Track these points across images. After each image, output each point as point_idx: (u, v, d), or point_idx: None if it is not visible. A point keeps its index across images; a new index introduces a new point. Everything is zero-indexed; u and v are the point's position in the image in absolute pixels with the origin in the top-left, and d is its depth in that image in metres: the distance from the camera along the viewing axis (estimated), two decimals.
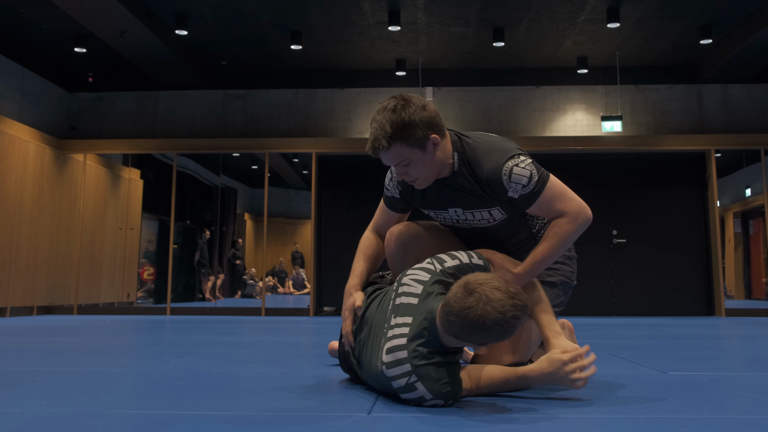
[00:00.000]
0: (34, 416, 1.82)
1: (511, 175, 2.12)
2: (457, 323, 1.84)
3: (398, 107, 2.08)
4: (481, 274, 1.93)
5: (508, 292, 1.85)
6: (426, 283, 2.07)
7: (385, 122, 2.07)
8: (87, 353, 3.60)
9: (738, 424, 1.71)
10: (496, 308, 1.81)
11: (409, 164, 2.12)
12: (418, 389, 1.89)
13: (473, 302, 1.82)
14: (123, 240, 10.24)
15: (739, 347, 4.15)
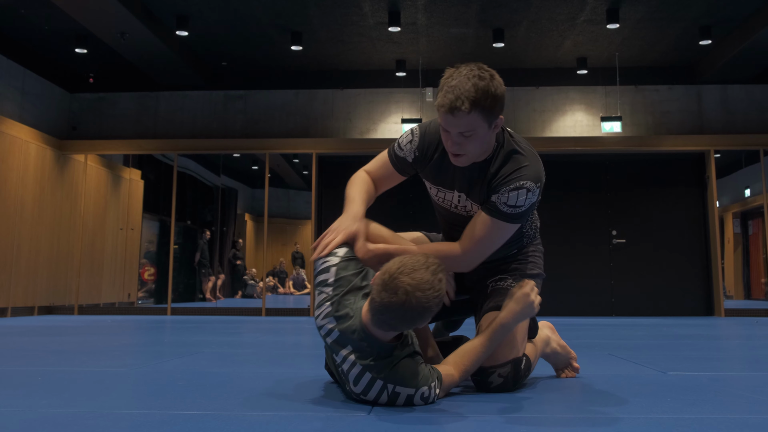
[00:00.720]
0: (34, 416, 1.82)
1: (518, 191, 2.09)
2: (397, 319, 1.83)
3: (486, 76, 2.00)
4: (392, 263, 1.87)
5: (425, 267, 1.84)
6: (331, 310, 2.02)
7: (472, 86, 1.97)
8: (88, 353, 3.60)
9: (737, 424, 1.71)
10: (426, 290, 1.81)
11: (471, 136, 2.04)
12: (401, 393, 1.92)
13: (403, 296, 1.79)
14: (124, 240, 10.26)
15: (739, 347, 4.15)
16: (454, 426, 1.69)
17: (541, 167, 2.16)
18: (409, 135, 2.30)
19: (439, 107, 2.03)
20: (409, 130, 2.32)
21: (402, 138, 2.32)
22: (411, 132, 2.30)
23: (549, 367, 2.89)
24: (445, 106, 2.00)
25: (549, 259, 9.26)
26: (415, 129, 2.31)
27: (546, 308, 9.28)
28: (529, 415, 1.85)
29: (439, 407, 1.95)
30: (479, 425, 1.70)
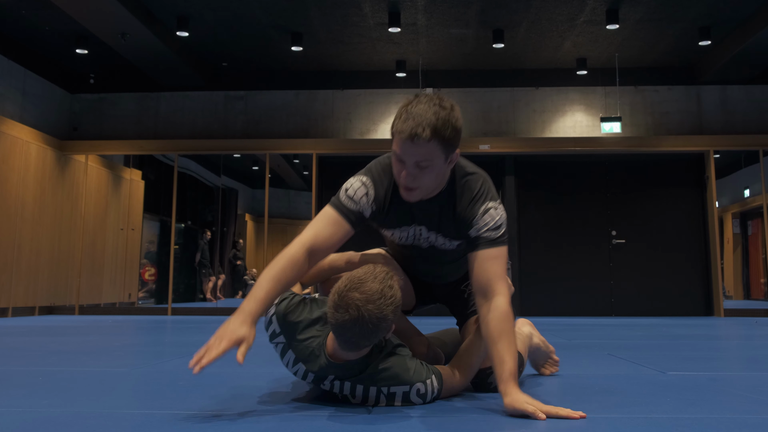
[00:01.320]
0: (35, 416, 1.82)
1: (485, 214, 2.02)
2: (357, 336, 1.80)
3: (447, 106, 1.93)
4: (341, 281, 1.83)
5: (374, 277, 1.81)
6: (295, 357, 2.00)
7: (433, 114, 1.89)
8: (88, 353, 3.60)
9: (736, 424, 1.72)
10: (376, 300, 1.78)
11: (427, 167, 1.94)
12: (397, 392, 1.93)
13: (355, 312, 1.76)
14: (124, 240, 10.27)
15: (738, 347, 4.15)
16: (454, 426, 1.70)
17: (492, 186, 2.11)
18: (362, 187, 2.07)
19: (397, 133, 1.92)
20: (357, 181, 2.09)
21: (352, 191, 2.07)
22: (362, 184, 2.08)
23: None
24: (404, 132, 1.89)
25: (549, 259, 9.30)
26: (366, 180, 2.09)
27: (546, 308, 9.33)
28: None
29: (439, 407, 1.95)
30: (479, 425, 1.71)
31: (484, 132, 9.40)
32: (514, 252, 9.28)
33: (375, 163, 2.14)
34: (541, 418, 1.73)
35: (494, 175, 9.58)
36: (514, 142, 9.24)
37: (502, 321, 1.92)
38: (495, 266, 2.00)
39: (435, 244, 2.18)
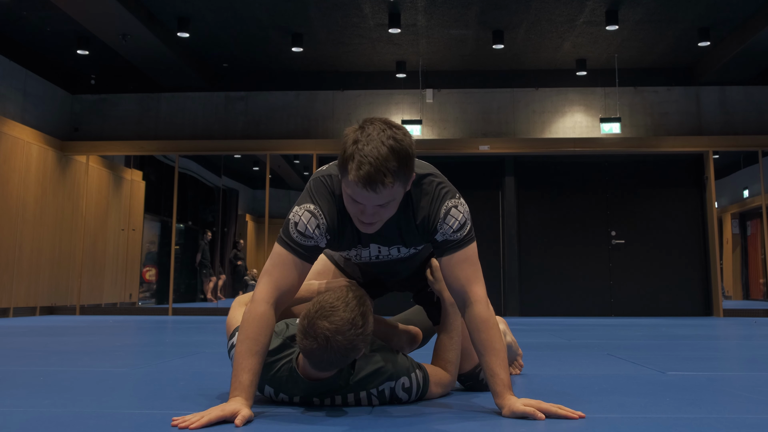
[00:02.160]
0: (37, 416, 1.82)
1: (447, 215, 1.89)
2: (326, 362, 1.77)
3: (399, 134, 1.74)
4: (312, 305, 1.78)
5: (345, 305, 1.75)
6: (275, 389, 1.97)
7: (389, 152, 1.69)
8: (89, 353, 3.60)
9: (736, 424, 1.72)
10: (345, 331, 1.72)
11: (389, 204, 1.77)
12: (384, 389, 1.93)
13: (323, 341, 1.71)
14: (125, 241, 10.28)
15: (737, 347, 4.15)
16: (454, 425, 1.70)
17: (448, 182, 1.98)
18: (312, 219, 1.86)
19: (354, 182, 1.69)
20: (305, 212, 1.87)
21: (303, 225, 1.86)
22: (311, 215, 1.86)
23: (544, 371, 2.90)
24: (362, 181, 1.67)
25: (548, 259, 9.31)
26: (314, 209, 1.87)
27: (545, 308, 9.35)
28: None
29: (439, 407, 1.96)
30: (479, 425, 1.71)
31: (484, 133, 9.41)
32: (514, 252, 9.30)
33: (315, 186, 1.92)
34: (540, 418, 1.73)
35: (494, 176, 9.60)
36: (513, 142, 9.26)
37: (485, 330, 1.85)
38: (465, 270, 1.90)
39: (398, 256, 2.07)
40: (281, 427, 1.68)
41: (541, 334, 5.40)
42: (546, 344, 4.30)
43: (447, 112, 9.46)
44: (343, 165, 1.73)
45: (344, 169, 1.73)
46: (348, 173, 1.70)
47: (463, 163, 9.66)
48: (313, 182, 1.93)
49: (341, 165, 1.74)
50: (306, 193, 1.92)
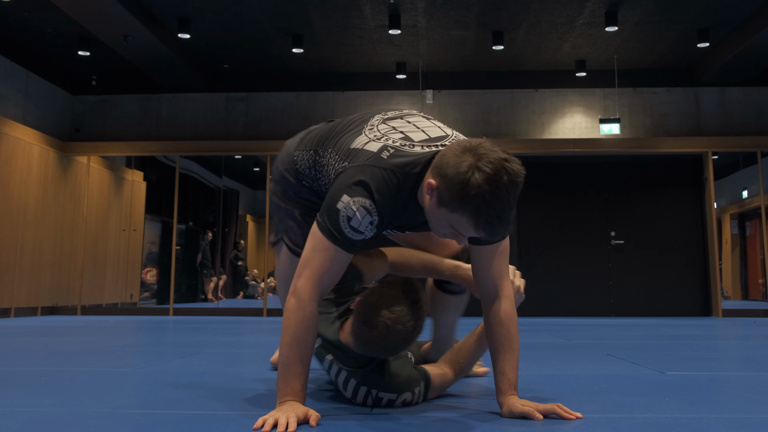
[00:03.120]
0: (38, 415, 1.83)
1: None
2: (377, 351, 1.84)
3: (521, 179, 1.62)
4: (372, 294, 1.83)
5: (405, 297, 1.80)
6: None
7: (513, 205, 1.62)
8: (90, 353, 3.61)
9: (735, 424, 1.73)
10: (405, 322, 1.77)
11: None
12: (383, 398, 1.93)
13: (383, 330, 1.77)
14: (126, 241, 10.29)
15: (736, 347, 4.16)
16: (453, 425, 1.71)
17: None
18: (367, 215, 1.72)
19: (473, 228, 1.61)
20: (360, 207, 1.71)
21: (357, 221, 1.72)
22: (366, 210, 1.72)
23: (544, 371, 2.90)
24: (482, 232, 1.61)
25: (548, 259, 9.32)
26: (370, 205, 1.72)
27: (545, 309, 9.36)
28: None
29: (439, 407, 1.96)
30: (478, 425, 1.72)
31: (484, 133, 9.43)
32: (513, 252, 9.32)
33: (375, 179, 1.75)
34: (538, 419, 1.74)
35: None
36: (513, 143, 9.27)
37: (508, 328, 1.84)
38: (500, 263, 1.87)
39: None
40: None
41: (540, 334, 5.41)
42: (545, 344, 4.31)
43: (447, 113, 9.48)
44: (460, 204, 1.59)
45: (462, 209, 1.60)
46: (476, 219, 1.59)
47: None
48: (370, 173, 1.75)
49: (457, 202, 1.59)
50: (359, 185, 1.73)
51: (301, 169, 2.14)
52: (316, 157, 2.07)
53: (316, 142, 2.10)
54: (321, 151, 2.05)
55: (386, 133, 1.90)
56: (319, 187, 2.10)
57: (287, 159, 2.22)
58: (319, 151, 2.06)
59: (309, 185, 2.15)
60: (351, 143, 1.90)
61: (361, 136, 1.92)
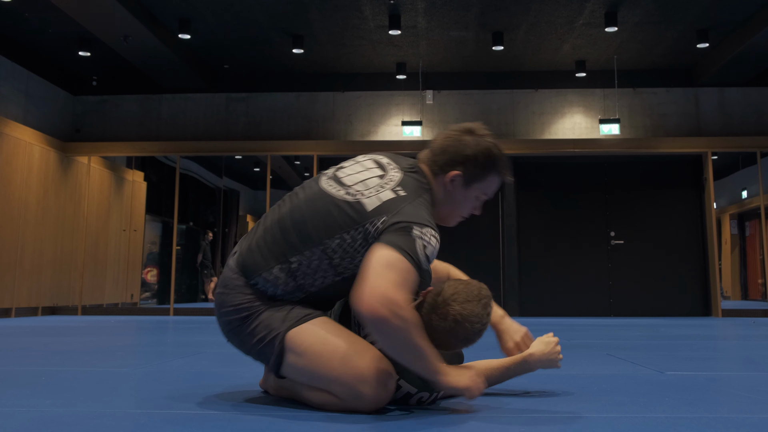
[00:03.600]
0: (38, 415, 1.82)
1: None
2: (437, 341, 1.86)
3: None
4: (447, 288, 1.88)
5: (478, 299, 1.87)
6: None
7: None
8: (91, 353, 3.61)
9: (735, 424, 1.72)
10: (474, 322, 1.85)
11: None
12: (402, 387, 1.90)
13: (452, 323, 1.84)
14: (127, 241, 10.31)
15: (736, 347, 4.16)
16: (453, 426, 1.71)
17: None
18: (434, 237, 1.82)
19: (504, 177, 2.07)
20: (432, 237, 1.80)
21: (431, 249, 1.80)
22: (437, 240, 1.82)
23: (543, 371, 2.90)
24: (509, 178, 2.09)
25: (548, 259, 9.33)
26: (436, 233, 1.83)
27: (545, 308, 9.38)
28: (527, 414, 1.86)
29: (438, 407, 1.96)
30: (478, 425, 1.71)
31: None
32: (513, 252, 9.33)
33: (427, 207, 1.91)
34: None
35: None
36: (513, 143, 9.29)
37: None
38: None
39: None
40: (283, 425, 1.69)
41: (540, 334, 5.40)
42: None
43: (447, 114, 9.49)
44: (491, 167, 2.01)
45: (493, 170, 2.02)
46: (502, 172, 2.04)
47: None
48: (423, 202, 1.90)
49: (488, 167, 2.01)
50: (425, 213, 1.86)
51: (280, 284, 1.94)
52: (289, 266, 1.90)
53: (275, 257, 1.92)
54: (296, 256, 1.90)
55: (365, 182, 1.93)
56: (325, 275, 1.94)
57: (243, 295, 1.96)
58: (290, 259, 1.90)
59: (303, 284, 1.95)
60: (359, 209, 1.86)
61: (362, 196, 1.89)
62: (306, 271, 1.88)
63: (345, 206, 1.87)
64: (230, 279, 1.95)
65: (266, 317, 1.88)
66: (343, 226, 1.85)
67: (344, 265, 1.88)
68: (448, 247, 9.38)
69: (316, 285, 1.91)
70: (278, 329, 1.84)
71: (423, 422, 1.74)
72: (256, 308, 1.90)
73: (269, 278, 1.90)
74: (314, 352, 1.80)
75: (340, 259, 1.87)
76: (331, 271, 1.88)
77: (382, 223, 1.81)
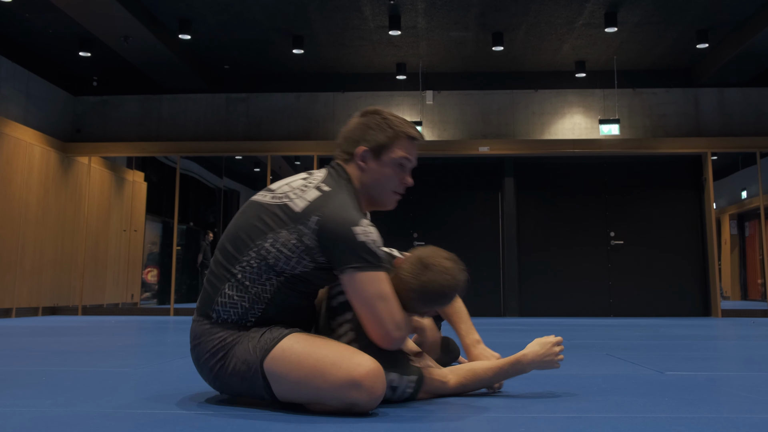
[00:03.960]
0: (39, 415, 1.83)
1: None
2: (415, 296, 1.94)
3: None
4: (426, 249, 2.02)
5: (455, 260, 2.00)
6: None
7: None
8: (91, 353, 3.62)
9: (734, 424, 1.73)
10: (451, 276, 1.96)
11: None
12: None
13: (433, 275, 1.94)
14: (127, 242, 10.32)
15: (735, 348, 4.17)
16: (453, 426, 1.71)
17: None
18: (369, 225, 1.89)
19: (410, 138, 2.07)
20: (367, 225, 1.87)
21: (371, 232, 1.86)
22: (367, 223, 1.88)
23: (543, 371, 2.91)
24: (413, 132, 2.08)
25: (548, 260, 9.33)
26: (363, 221, 1.87)
27: (545, 309, 9.38)
28: (527, 414, 1.86)
29: (438, 407, 1.96)
30: (478, 425, 1.72)
31: (484, 134, 9.46)
32: (513, 253, 9.35)
33: (348, 202, 1.91)
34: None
35: (494, 177, 9.65)
36: (513, 144, 9.30)
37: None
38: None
39: None
40: (283, 425, 1.70)
41: (540, 334, 5.43)
42: None
43: (447, 114, 9.51)
44: (389, 130, 2.05)
45: (393, 132, 2.05)
46: (407, 131, 2.07)
47: (463, 165, 9.71)
48: (339, 199, 1.90)
49: (387, 131, 2.04)
50: (351, 206, 1.90)
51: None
52: (236, 278, 1.92)
53: (221, 278, 1.95)
54: (237, 266, 1.92)
55: (290, 183, 2.00)
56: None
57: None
58: (233, 271, 1.93)
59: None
60: (287, 211, 1.89)
61: (288, 198, 1.93)
62: (252, 277, 1.89)
63: (273, 208, 1.91)
64: (196, 329, 1.96)
65: (240, 351, 1.86)
66: (273, 226, 1.88)
67: (280, 266, 1.88)
68: (448, 247, 9.39)
69: (268, 291, 1.90)
70: (254, 361, 1.83)
71: (423, 422, 1.75)
72: (229, 344, 1.88)
73: (224, 301, 1.91)
74: (295, 377, 1.79)
75: (275, 260, 1.87)
76: (272, 272, 1.88)
77: (316, 223, 1.84)
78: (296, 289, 1.93)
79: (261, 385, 1.83)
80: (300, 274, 1.89)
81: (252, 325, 1.91)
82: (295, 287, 1.92)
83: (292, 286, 1.91)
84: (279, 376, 1.80)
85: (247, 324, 1.91)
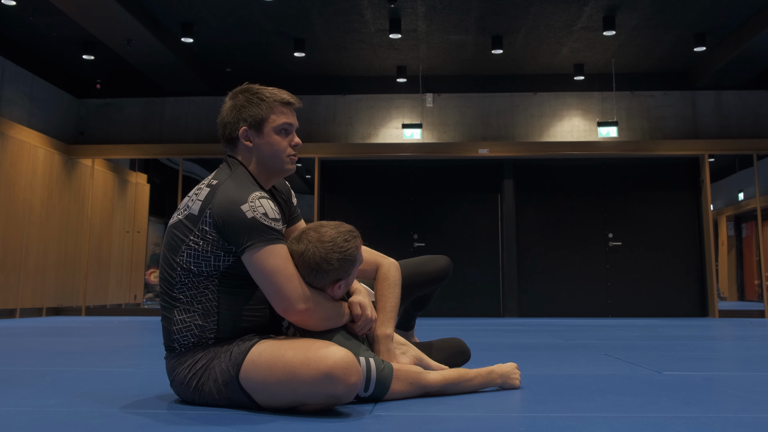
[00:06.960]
0: (42, 415, 1.83)
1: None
2: (301, 269, 1.92)
3: None
4: (316, 222, 2.02)
5: (335, 228, 1.97)
6: None
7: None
8: (95, 353, 3.62)
9: (731, 423, 1.73)
10: (326, 242, 1.92)
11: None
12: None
13: (304, 245, 1.92)
14: (130, 243, 10.36)
15: (732, 348, 4.17)
16: (453, 426, 1.70)
17: None
18: (266, 200, 1.91)
19: (282, 103, 2.06)
20: (259, 198, 1.90)
21: (269, 208, 1.90)
22: (264, 196, 1.92)
23: (542, 371, 2.93)
24: (286, 98, 2.07)
25: (546, 261, 9.38)
26: (260, 192, 1.93)
27: (543, 309, 9.43)
28: (526, 414, 1.86)
29: (438, 408, 1.94)
30: (477, 425, 1.71)
31: (483, 136, 9.51)
32: (512, 254, 9.40)
33: (240, 180, 1.97)
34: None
35: (493, 179, 9.70)
36: (512, 146, 9.35)
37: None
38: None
39: None
40: (284, 424, 1.70)
41: (539, 334, 5.45)
42: (544, 344, 4.33)
43: (447, 116, 9.56)
44: (257, 100, 2.04)
45: (261, 100, 2.04)
46: (280, 97, 2.06)
47: (463, 167, 9.76)
48: (230, 179, 1.97)
49: (256, 103, 2.04)
50: (239, 184, 1.94)
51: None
52: (181, 301, 1.97)
53: (169, 307, 1.99)
54: (175, 289, 1.97)
55: (189, 195, 2.05)
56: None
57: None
58: (175, 295, 1.98)
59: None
60: (190, 218, 1.95)
61: (186, 206, 2.00)
62: (191, 293, 1.93)
63: (179, 224, 1.95)
64: (167, 366, 2.01)
65: (216, 373, 1.88)
66: (183, 238, 1.92)
67: (205, 270, 1.92)
68: (448, 247, 9.46)
69: (212, 299, 1.94)
70: (230, 379, 1.85)
71: (422, 422, 1.75)
72: (199, 370, 1.91)
73: (179, 328, 1.94)
74: (271, 384, 1.80)
75: (197, 266, 1.91)
76: (202, 279, 1.93)
77: (210, 216, 1.88)
78: (234, 288, 1.95)
79: (245, 399, 1.85)
80: (226, 270, 1.92)
81: (213, 342, 1.93)
82: (232, 287, 1.94)
83: (229, 286, 1.94)
84: (256, 387, 1.81)
85: (209, 342, 1.93)
